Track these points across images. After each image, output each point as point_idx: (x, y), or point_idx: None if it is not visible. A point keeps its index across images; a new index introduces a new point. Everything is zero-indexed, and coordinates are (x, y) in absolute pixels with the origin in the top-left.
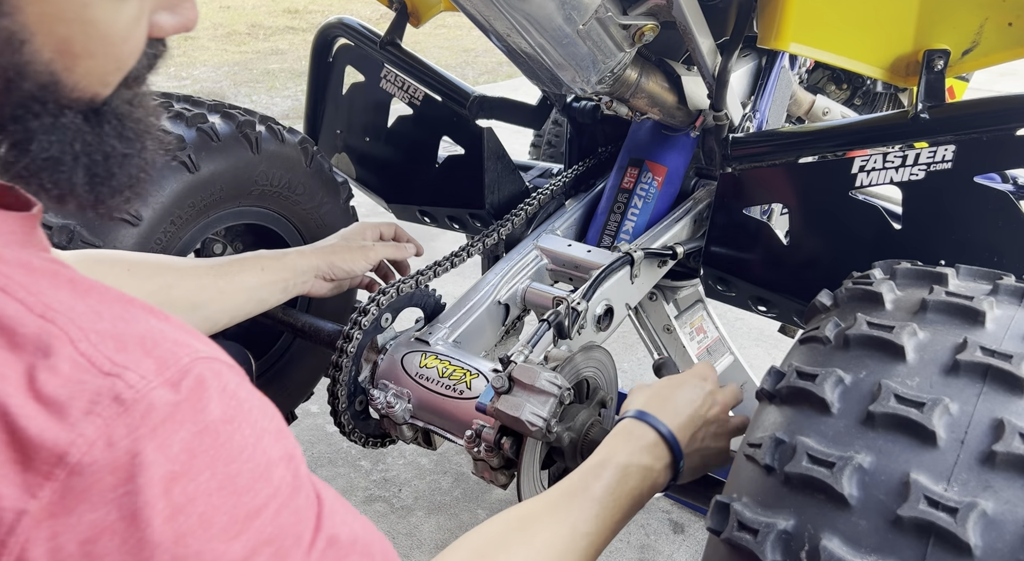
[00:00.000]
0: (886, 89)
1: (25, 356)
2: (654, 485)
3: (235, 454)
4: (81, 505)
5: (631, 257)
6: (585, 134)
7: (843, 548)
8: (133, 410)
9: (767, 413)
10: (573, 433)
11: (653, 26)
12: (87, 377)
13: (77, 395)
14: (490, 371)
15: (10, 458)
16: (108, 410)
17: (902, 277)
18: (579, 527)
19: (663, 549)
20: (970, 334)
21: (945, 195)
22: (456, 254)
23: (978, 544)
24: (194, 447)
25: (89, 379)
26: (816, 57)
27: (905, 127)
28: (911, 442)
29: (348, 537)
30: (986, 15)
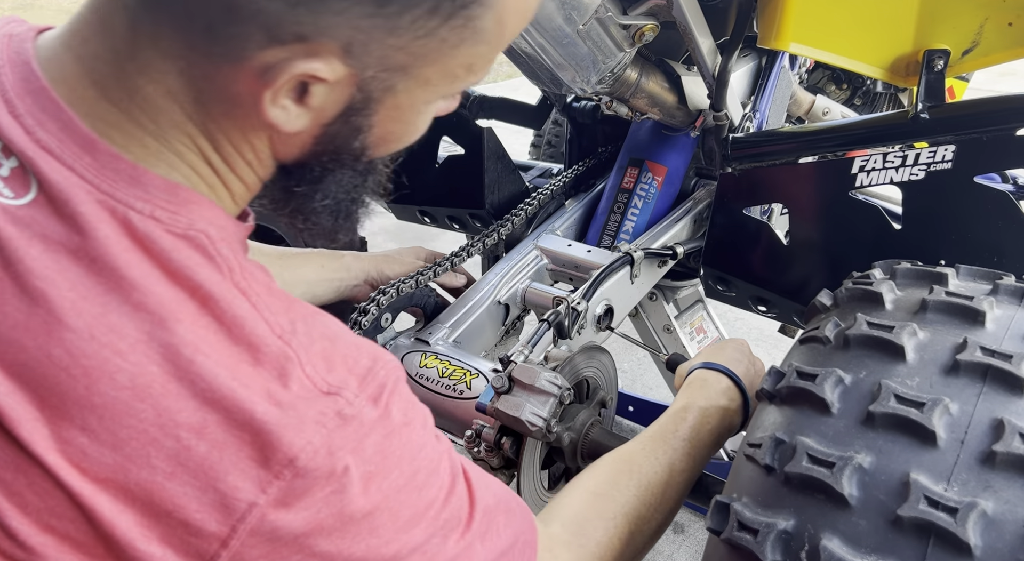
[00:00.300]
0: (886, 89)
1: (264, 372)
2: (731, 425)
3: (415, 452)
4: (299, 502)
5: (631, 257)
6: (585, 134)
7: (843, 548)
8: (350, 424)
9: (767, 413)
10: (573, 433)
11: (653, 26)
12: (312, 395)
13: (309, 408)
14: (490, 371)
15: (249, 455)
16: (332, 422)
17: (902, 277)
18: (676, 465)
19: (663, 549)
20: (970, 334)
21: (945, 195)
22: (456, 254)
23: (978, 544)
24: (384, 449)
25: (314, 397)
26: (816, 57)
27: (905, 127)
28: (911, 442)
29: (492, 502)
30: (986, 15)
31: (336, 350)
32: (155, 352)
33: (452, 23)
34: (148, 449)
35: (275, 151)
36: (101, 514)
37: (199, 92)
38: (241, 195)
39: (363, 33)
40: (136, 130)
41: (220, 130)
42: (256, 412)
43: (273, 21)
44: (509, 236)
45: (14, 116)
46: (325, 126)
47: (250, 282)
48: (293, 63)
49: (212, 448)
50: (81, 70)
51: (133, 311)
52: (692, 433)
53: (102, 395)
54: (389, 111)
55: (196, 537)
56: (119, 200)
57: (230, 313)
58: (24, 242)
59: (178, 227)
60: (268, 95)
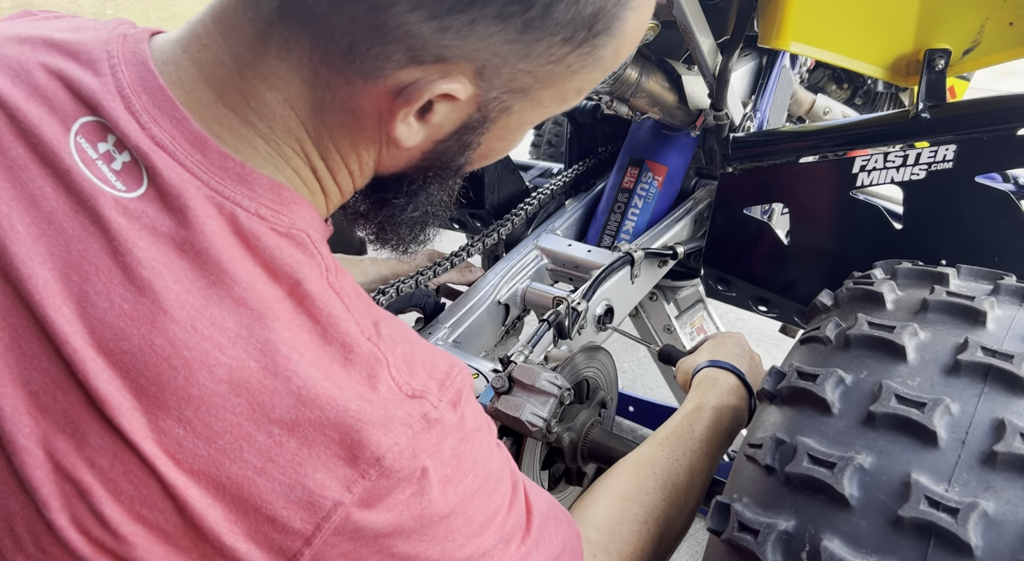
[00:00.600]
0: (887, 89)
1: (355, 373)
2: (741, 422)
3: (486, 458)
4: (382, 503)
5: (631, 257)
6: (585, 134)
7: (844, 549)
8: (434, 427)
9: (768, 413)
10: (573, 433)
11: (653, 25)
12: (398, 398)
13: (396, 409)
14: (490, 371)
15: (337, 454)
16: (418, 424)
17: (903, 277)
18: (695, 465)
19: None
20: (971, 334)
21: (946, 195)
22: (456, 254)
23: (979, 544)
24: (460, 453)
25: (400, 400)
26: (817, 57)
27: (906, 127)
28: (912, 442)
29: (545, 508)
30: (987, 15)
31: (416, 354)
32: (253, 348)
33: (580, 50)
34: (241, 443)
35: (380, 163)
36: (192, 506)
37: (319, 102)
38: (335, 201)
39: (499, 57)
40: (248, 132)
41: (332, 139)
42: (348, 411)
43: (419, 43)
44: (509, 236)
45: (131, 112)
46: (438, 142)
47: (343, 283)
48: (435, 84)
49: (302, 445)
50: (198, 74)
51: (234, 306)
52: (708, 433)
53: (200, 387)
54: (499, 130)
55: (281, 534)
56: (227, 197)
57: (325, 312)
58: (134, 233)
59: (281, 225)
60: (403, 113)
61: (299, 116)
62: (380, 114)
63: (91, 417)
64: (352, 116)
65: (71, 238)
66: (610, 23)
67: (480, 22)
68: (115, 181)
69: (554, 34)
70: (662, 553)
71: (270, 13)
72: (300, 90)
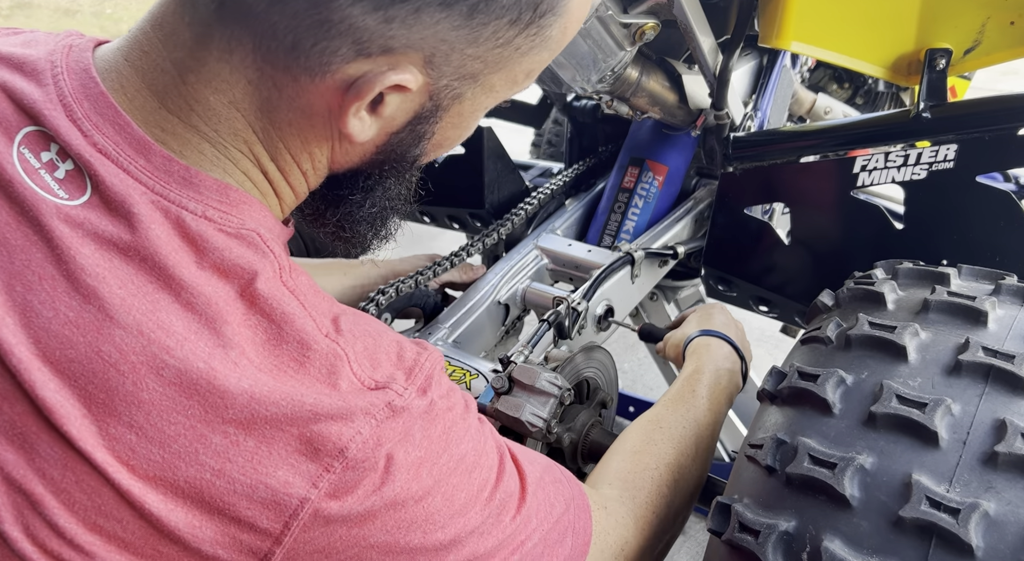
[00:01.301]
0: (888, 88)
1: (313, 371)
2: (736, 386)
3: (460, 436)
4: (351, 495)
5: (632, 257)
6: (585, 133)
7: (845, 549)
8: (400, 416)
9: (768, 413)
10: (573, 434)
11: (654, 25)
12: (360, 391)
13: (357, 401)
14: (490, 371)
15: (298, 450)
16: (382, 413)
17: (904, 277)
18: (701, 420)
19: None
20: (972, 334)
21: (947, 195)
22: (456, 254)
23: (980, 545)
24: (431, 435)
25: (363, 392)
26: (818, 56)
27: (907, 126)
28: (913, 443)
29: (540, 473)
30: (988, 14)
31: (380, 347)
32: (203, 350)
33: (528, 32)
34: (196, 446)
35: (333, 160)
36: (152, 512)
37: (265, 101)
38: (289, 203)
39: (447, 44)
40: (193, 137)
41: (281, 139)
42: (304, 405)
43: (365, 35)
44: (509, 236)
45: (72, 120)
46: (392, 134)
47: (298, 282)
48: (384, 75)
49: (261, 444)
50: (140, 81)
51: (182, 309)
52: (709, 392)
53: (150, 391)
54: (452, 118)
55: (249, 535)
56: (172, 201)
57: (279, 311)
58: (77, 241)
59: (230, 226)
60: (354, 108)
61: (246, 118)
62: (330, 110)
63: (39, 427)
64: (301, 114)
65: (13, 248)
66: (555, 2)
67: (425, 10)
68: (58, 189)
69: (500, 17)
70: (680, 500)
71: (208, 16)
72: (245, 91)
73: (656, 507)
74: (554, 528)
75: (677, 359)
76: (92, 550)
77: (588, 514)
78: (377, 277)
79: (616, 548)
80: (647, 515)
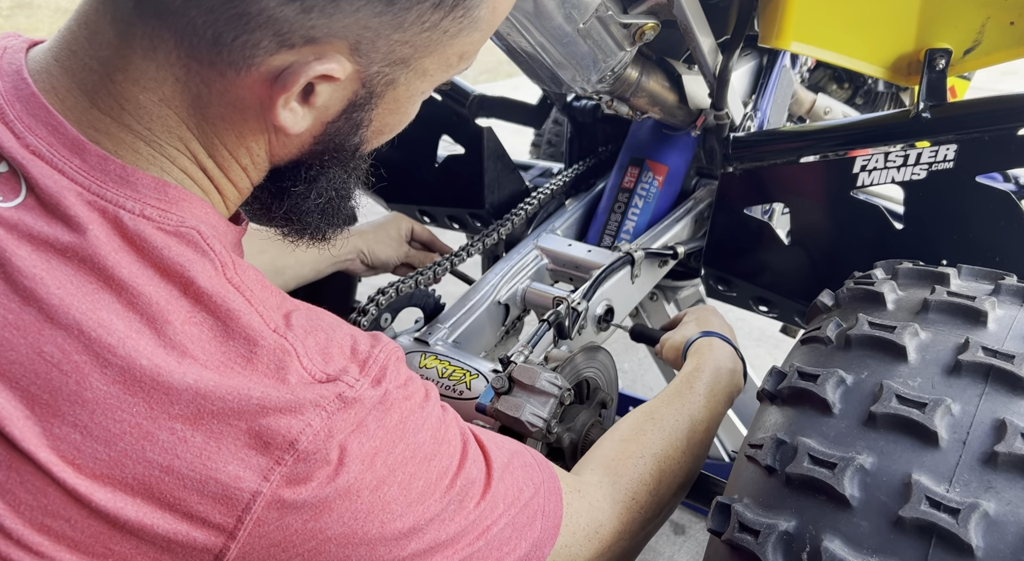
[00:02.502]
0: (888, 88)
1: (261, 366)
2: (737, 386)
3: (419, 424)
4: (304, 486)
5: (632, 257)
6: (585, 133)
7: (844, 549)
8: (351, 407)
9: (768, 413)
10: (573, 434)
11: (654, 25)
12: (309, 384)
13: (307, 393)
14: (490, 371)
15: (247, 443)
16: (332, 405)
17: (904, 277)
18: (696, 415)
19: (664, 550)
20: (972, 334)
21: (947, 195)
22: (456, 254)
23: (980, 545)
24: (386, 424)
25: (312, 385)
26: (817, 56)
27: (907, 126)
28: (913, 443)
29: (507, 458)
30: (988, 14)
31: (333, 340)
32: (145, 348)
33: (454, 14)
34: (143, 443)
35: (272, 153)
36: (102, 509)
37: (196, 98)
38: (233, 199)
39: (371, 31)
40: (127, 136)
41: (216, 135)
42: (252, 399)
43: (285, 27)
44: (509, 236)
45: (4, 122)
46: (328, 124)
47: (243, 277)
48: (310, 66)
49: (209, 439)
50: (71, 81)
51: (123, 309)
52: (707, 389)
53: (93, 390)
54: (388, 104)
55: (202, 530)
56: (109, 200)
57: (224, 307)
58: (12, 243)
59: (169, 224)
60: (282, 100)
61: (178, 115)
62: (260, 103)
63: None
64: (233, 109)
65: None
66: None
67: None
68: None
69: (422, 1)
70: (665, 491)
71: (129, 13)
72: (174, 88)
73: (636, 494)
74: (522, 512)
75: (676, 361)
76: (41, 550)
77: (559, 497)
78: (353, 247)
79: (589, 529)
80: (626, 501)
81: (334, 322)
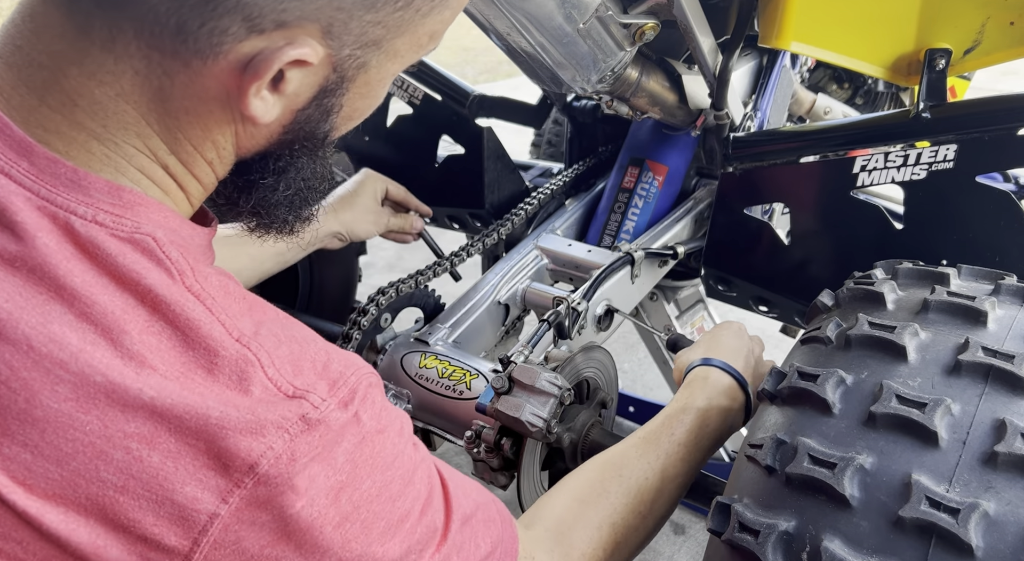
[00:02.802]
0: (888, 88)
1: (223, 378)
2: (732, 425)
3: (388, 462)
4: (264, 513)
5: (632, 257)
6: (585, 133)
7: (844, 549)
8: (315, 429)
9: (768, 413)
10: (573, 434)
11: (654, 25)
12: (275, 399)
13: (269, 412)
14: (490, 371)
15: (206, 464)
16: (296, 427)
17: (904, 277)
18: (669, 470)
19: (664, 550)
20: (972, 334)
21: (947, 195)
22: (456, 254)
23: (980, 545)
24: (355, 458)
25: (276, 402)
26: (817, 56)
27: (907, 126)
28: (913, 443)
29: (471, 510)
30: (988, 14)
31: (305, 353)
32: (100, 362)
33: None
34: (96, 463)
35: (239, 146)
36: (53, 531)
37: (157, 91)
38: (197, 196)
39: (344, 12)
40: (79, 135)
41: (179, 129)
42: (210, 418)
43: (255, 11)
44: (509, 236)
45: None
46: (298, 112)
47: (204, 285)
48: (282, 51)
49: (166, 458)
50: (16, 78)
51: (76, 321)
52: (689, 437)
53: (44, 408)
54: (359, 88)
55: (157, 552)
56: (60, 205)
57: (183, 317)
58: None
59: (123, 231)
60: (254, 88)
61: (137, 110)
62: (229, 93)
63: None
64: (198, 100)
65: None
66: None
67: None
68: None
69: None
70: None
71: (87, 2)
72: (134, 82)
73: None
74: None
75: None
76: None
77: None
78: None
79: None
80: None
81: (310, 336)
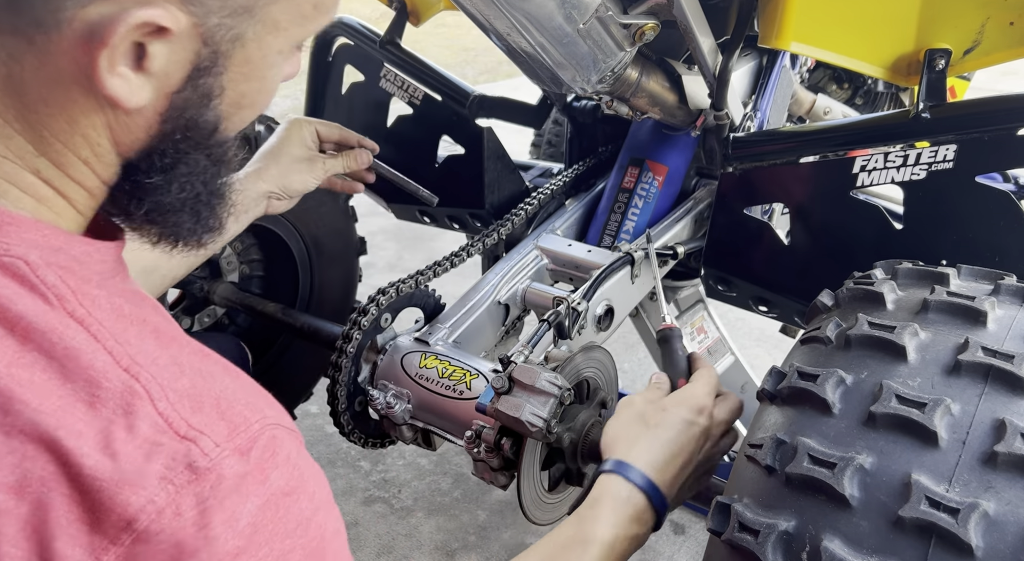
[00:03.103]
0: (887, 88)
1: (106, 412)
2: (640, 545)
3: (291, 529)
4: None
5: (631, 257)
6: (585, 133)
7: (844, 549)
8: (204, 479)
9: (768, 414)
10: (573, 434)
11: (654, 25)
12: (164, 439)
13: (153, 458)
14: (490, 371)
15: (79, 517)
16: (181, 477)
17: (903, 277)
18: None
19: (663, 550)
20: (972, 334)
21: (946, 195)
22: (456, 254)
23: (979, 545)
24: (257, 521)
25: (166, 442)
26: (817, 56)
27: (906, 127)
28: (912, 443)
29: None
30: (988, 14)
31: (210, 389)
32: None
33: None
34: None
35: (116, 141)
36: None
37: (6, 80)
38: (84, 203)
39: None
40: None
41: (43, 125)
42: (84, 466)
43: None
44: (509, 236)
45: None
46: (172, 95)
47: (90, 309)
48: (128, 13)
49: (35, 511)
50: None
51: None
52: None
53: None
54: (240, 67)
55: None
56: None
57: (61, 346)
58: None
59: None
60: (104, 59)
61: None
62: (83, 72)
63: None
64: (54, 85)
65: None
66: None
67: None
68: None
69: None
70: None
71: None
72: None
73: None
74: None
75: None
76: None
77: None
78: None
79: None
80: None
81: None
